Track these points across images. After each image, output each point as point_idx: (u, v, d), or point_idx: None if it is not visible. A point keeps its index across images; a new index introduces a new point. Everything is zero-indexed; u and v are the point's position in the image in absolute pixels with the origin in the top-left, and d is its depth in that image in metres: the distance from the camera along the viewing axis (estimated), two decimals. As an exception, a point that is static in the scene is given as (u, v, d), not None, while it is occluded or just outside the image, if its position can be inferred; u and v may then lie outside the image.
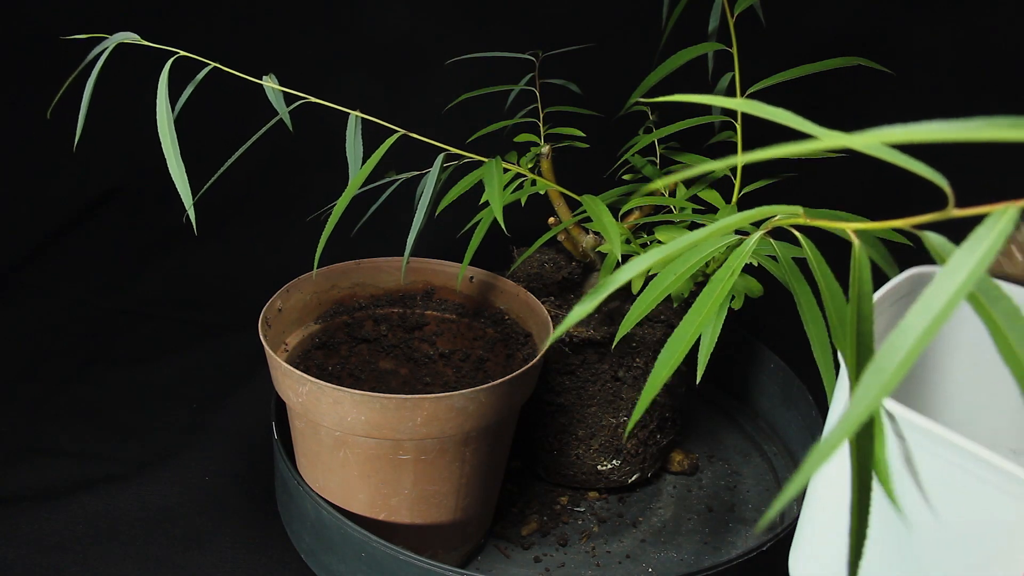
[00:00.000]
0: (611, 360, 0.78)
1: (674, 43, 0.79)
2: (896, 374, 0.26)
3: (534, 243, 0.76)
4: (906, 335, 0.27)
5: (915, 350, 0.27)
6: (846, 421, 0.26)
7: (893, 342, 0.27)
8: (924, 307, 0.27)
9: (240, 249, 1.20)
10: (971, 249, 0.27)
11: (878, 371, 0.27)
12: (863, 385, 0.26)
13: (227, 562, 0.75)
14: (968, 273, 0.27)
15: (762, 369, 0.96)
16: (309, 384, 0.66)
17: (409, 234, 0.70)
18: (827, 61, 0.73)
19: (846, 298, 0.42)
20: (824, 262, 0.45)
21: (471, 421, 0.67)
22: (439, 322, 0.83)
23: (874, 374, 0.26)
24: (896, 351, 0.27)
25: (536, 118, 0.81)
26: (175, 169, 0.61)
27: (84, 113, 0.63)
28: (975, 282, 0.27)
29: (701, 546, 0.81)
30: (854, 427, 0.26)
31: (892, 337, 0.27)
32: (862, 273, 0.32)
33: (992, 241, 0.27)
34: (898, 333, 0.27)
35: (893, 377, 0.26)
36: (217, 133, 1.23)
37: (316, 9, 1.25)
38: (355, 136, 0.69)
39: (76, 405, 0.92)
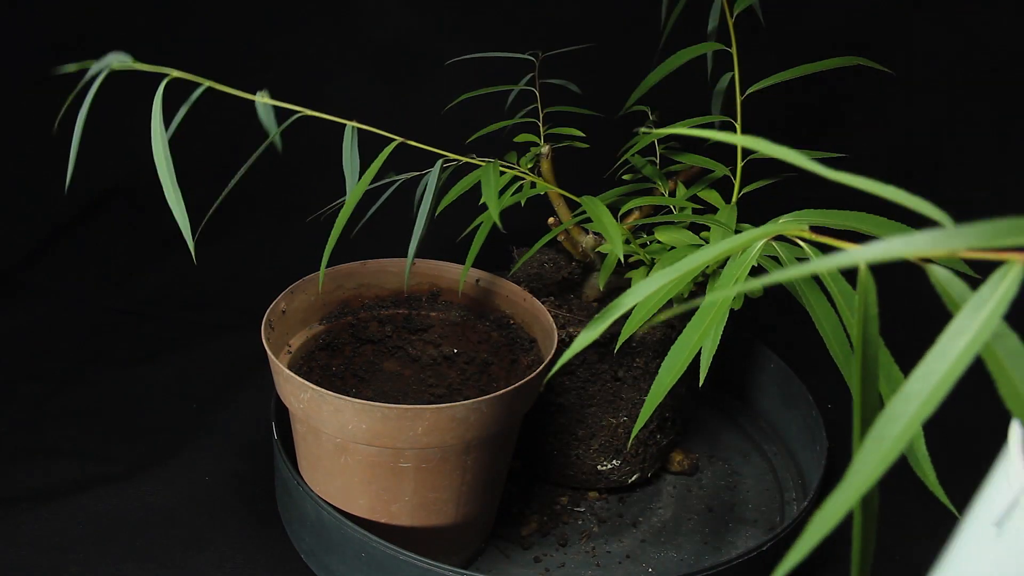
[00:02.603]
0: (611, 360, 0.78)
1: (674, 43, 0.79)
2: (895, 445, 0.26)
3: (535, 244, 0.76)
4: (910, 400, 0.26)
5: (917, 417, 0.26)
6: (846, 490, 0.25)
7: (895, 405, 0.26)
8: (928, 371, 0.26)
9: (240, 249, 1.20)
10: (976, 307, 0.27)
11: (879, 439, 0.26)
12: (864, 452, 0.26)
13: (227, 562, 0.75)
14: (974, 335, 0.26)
15: (762, 369, 0.96)
16: (310, 391, 0.66)
17: (411, 240, 0.70)
18: (827, 61, 0.73)
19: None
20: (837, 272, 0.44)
21: (472, 431, 0.67)
22: (444, 324, 0.83)
23: (876, 442, 0.26)
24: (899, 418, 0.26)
25: (536, 118, 0.81)
26: (171, 195, 0.60)
27: (76, 144, 0.61)
28: (983, 343, 0.26)
29: (701, 546, 0.81)
30: (856, 497, 0.25)
31: (895, 401, 0.26)
32: (868, 296, 0.32)
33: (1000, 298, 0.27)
34: (900, 398, 0.26)
35: (892, 449, 0.26)
36: (217, 139, 1.23)
37: (316, 9, 1.25)
38: (351, 147, 0.69)
39: (76, 405, 0.92)
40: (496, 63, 0.85)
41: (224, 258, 1.18)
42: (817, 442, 0.84)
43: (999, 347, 0.29)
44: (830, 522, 0.25)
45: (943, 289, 0.31)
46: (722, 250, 0.32)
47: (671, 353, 0.47)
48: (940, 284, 0.31)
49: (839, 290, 0.44)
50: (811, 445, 0.86)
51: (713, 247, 0.32)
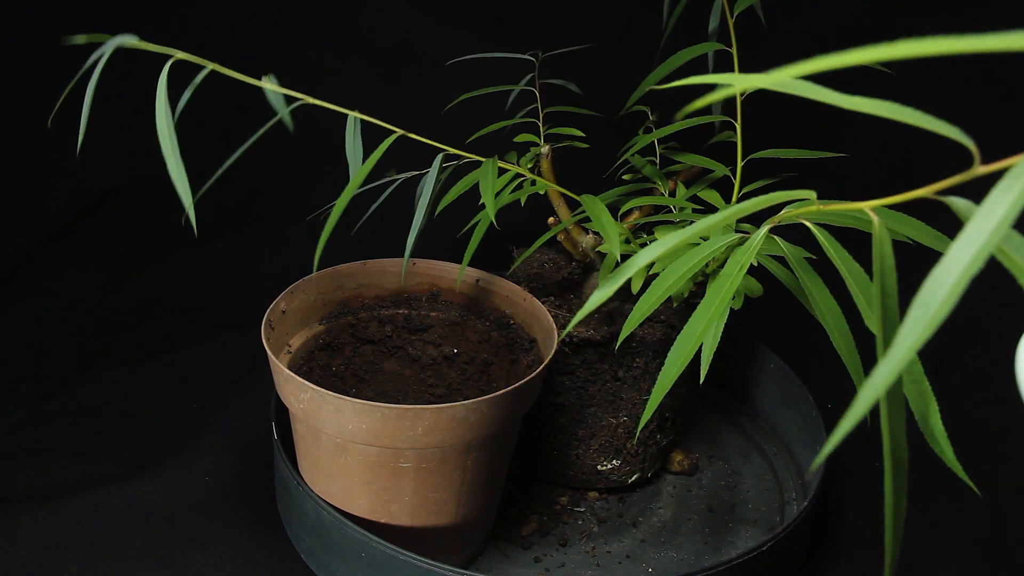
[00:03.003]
0: (611, 360, 0.78)
1: (674, 43, 0.79)
2: (926, 331, 0.26)
3: (534, 243, 0.76)
4: (934, 292, 0.26)
5: (944, 307, 0.26)
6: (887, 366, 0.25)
7: (922, 299, 0.26)
8: (948, 266, 0.27)
9: (240, 249, 1.20)
10: (995, 202, 0.27)
11: (910, 329, 0.26)
12: (899, 340, 0.26)
13: (227, 562, 0.75)
14: (993, 228, 0.26)
15: (762, 369, 0.96)
16: (310, 391, 0.66)
17: (410, 233, 0.70)
18: (827, 61, 0.73)
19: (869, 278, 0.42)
20: (840, 246, 0.44)
21: (472, 431, 0.67)
22: (444, 324, 0.83)
23: (907, 331, 0.26)
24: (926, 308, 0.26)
25: (536, 118, 0.81)
26: (175, 170, 0.61)
27: (86, 117, 0.63)
28: (1000, 237, 0.26)
29: (701, 546, 0.81)
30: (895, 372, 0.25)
31: (920, 295, 0.27)
32: (883, 249, 0.32)
33: (1018, 192, 0.27)
34: (926, 290, 0.27)
35: (923, 333, 0.26)
36: (217, 136, 1.23)
37: (316, 9, 1.25)
38: (354, 136, 0.69)
39: (76, 405, 0.92)
40: (496, 63, 0.85)
41: (224, 258, 1.18)
42: (817, 442, 0.84)
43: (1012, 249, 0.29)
44: (888, 378, 0.25)
45: (963, 216, 0.31)
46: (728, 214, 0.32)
47: (674, 348, 0.47)
48: (961, 213, 0.31)
49: (848, 269, 0.44)
50: (811, 445, 0.86)
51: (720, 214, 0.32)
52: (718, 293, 0.45)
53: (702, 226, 0.33)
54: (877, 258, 0.32)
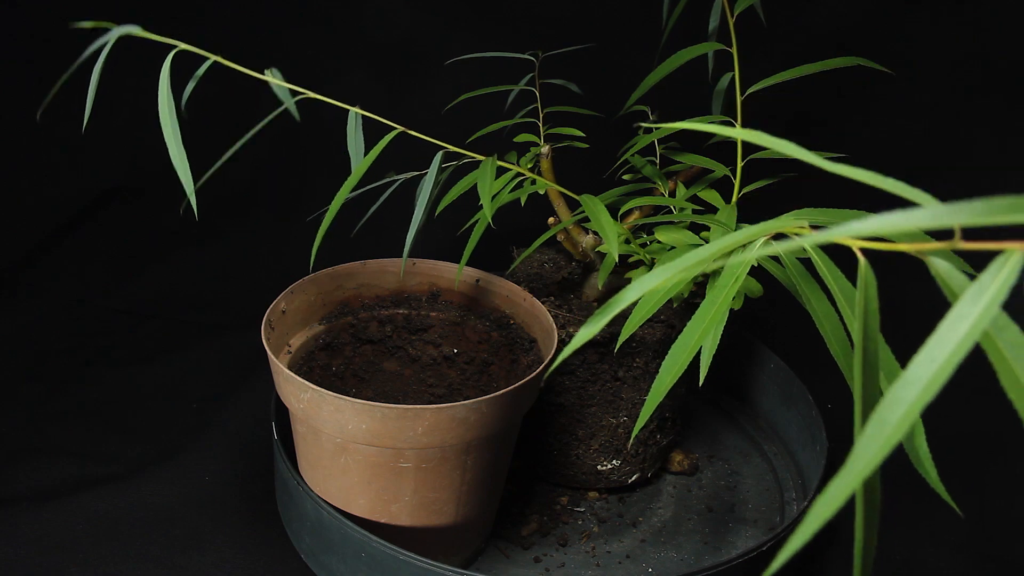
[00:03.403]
0: (611, 360, 0.78)
1: (674, 43, 0.79)
2: (897, 430, 0.26)
3: (534, 243, 0.76)
4: (910, 386, 0.26)
5: (919, 403, 0.26)
6: (849, 473, 0.25)
7: (897, 391, 0.26)
8: (929, 356, 0.26)
9: (240, 249, 1.20)
10: (976, 296, 0.27)
11: (880, 425, 0.26)
12: (864, 440, 0.26)
13: (227, 562, 0.75)
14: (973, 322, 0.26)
15: (762, 369, 0.96)
16: (310, 391, 0.66)
17: (409, 230, 0.70)
18: (827, 61, 0.73)
19: None
20: (834, 266, 0.44)
21: (472, 431, 0.67)
22: (444, 324, 0.83)
23: (876, 428, 0.26)
24: (900, 403, 0.26)
25: (536, 118, 0.81)
26: (176, 155, 0.61)
27: (92, 99, 0.63)
28: (982, 331, 0.26)
29: (701, 546, 0.81)
30: (858, 480, 0.25)
31: (895, 388, 0.26)
32: (868, 291, 0.32)
33: (999, 286, 0.27)
34: (901, 384, 0.26)
35: (894, 433, 0.26)
36: (217, 134, 1.23)
37: (316, 9, 1.25)
38: (356, 131, 0.69)
39: (76, 405, 0.92)
40: (496, 63, 0.85)
41: (224, 258, 1.18)
42: (817, 442, 0.84)
43: (1000, 338, 0.29)
44: (832, 506, 0.25)
45: (943, 281, 0.31)
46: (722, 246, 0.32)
47: (671, 352, 0.47)
48: (940, 276, 0.31)
49: (839, 288, 0.44)
50: (811, 445, 0.86)
51: (714, 244, 0.32)
52: (717, 298, 0.45)
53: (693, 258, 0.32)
54: (860, 300, 0.32)
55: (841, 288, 0.44)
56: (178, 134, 0.61)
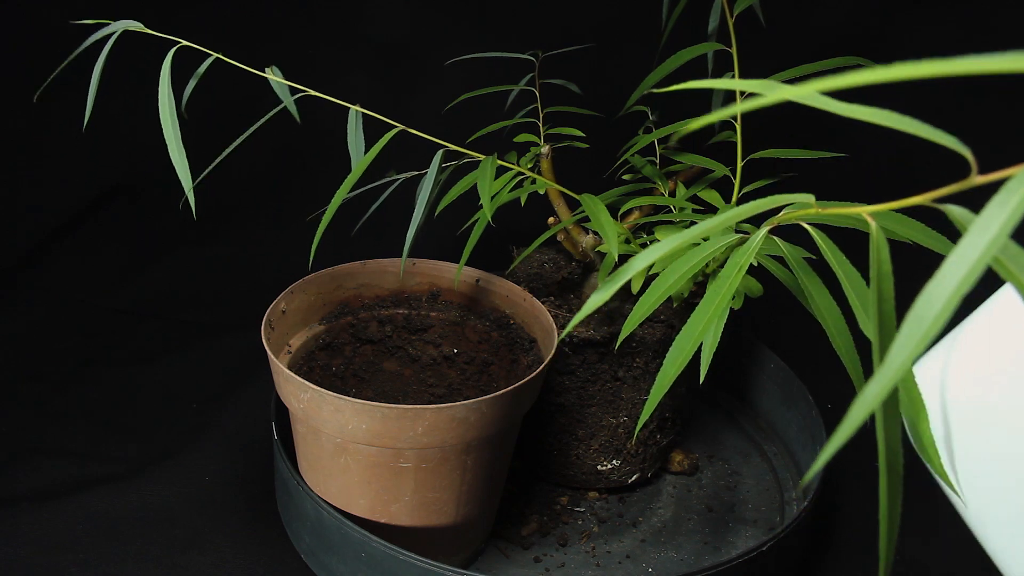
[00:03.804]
0: (611, 360, 0.78)
1: (674, 43, 0.79)
2: (920, 344, 0.26)
3: (534, 243, 0.76)
4: (929, 305, 0.26)
5: (939, 320, 0.26)
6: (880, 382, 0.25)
7: (916, 313, 0.26)
8: (945, 276, 0.27)
9: (240, 249, 1.20)
10: (993, 214, 0.27)
11: (904, 343, 0.26)
12: (893, 354, 0.26)
13: (227, 562, 0.75)
14: (991, 238, 0.26)
15: (762, 369, 0.96)
16: (311, 391, 0.66)
17: (409, 229, 0.70)
18: (827, 61, 0.73)
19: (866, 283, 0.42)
20: (838, 249, 0.45)
21: (473, 431, 0.67)
22: (443, 324, 0.83)
23: (901, 345, 0.26)
24: (921, 322, 0.26)
25: (536, 118, 0.81)
26: (175, 154, 0.61)
27: (93, 95, 0.63)
28: (999, 247, 0.26)
29: (701, 546, 0.81)
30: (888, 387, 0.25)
31: (915, 308, 0.27)
32: (880, 255, 0.32)
33: (1016, 204, 0.27)
34: (921, 303, 0.27)
35: (917, 347, 0.26)
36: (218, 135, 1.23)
37: (316, 9, 1.25)
38: (356, 130, 0.69)
39: (76, 405, 0.92)
40: (496, 63, 0.85)
41: (224, 258, 1.18)
42: (817, 442, 0.84)
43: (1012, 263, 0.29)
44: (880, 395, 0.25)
45: (960, 226, 0.31)
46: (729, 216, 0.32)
47: (673, 348, 0.47)
48: (957, 221, 0.31)
49: (844, 273, 0.44)
50: (811, 445, 0.86)
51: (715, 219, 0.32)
52: (718, 293, 0.45)
53: (702, 228, 0.33)
54: (874, 264, 0.32)
55: (846, 272, 0.44)
56: (178, 132, 0.61)
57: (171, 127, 0.61)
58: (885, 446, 0.31)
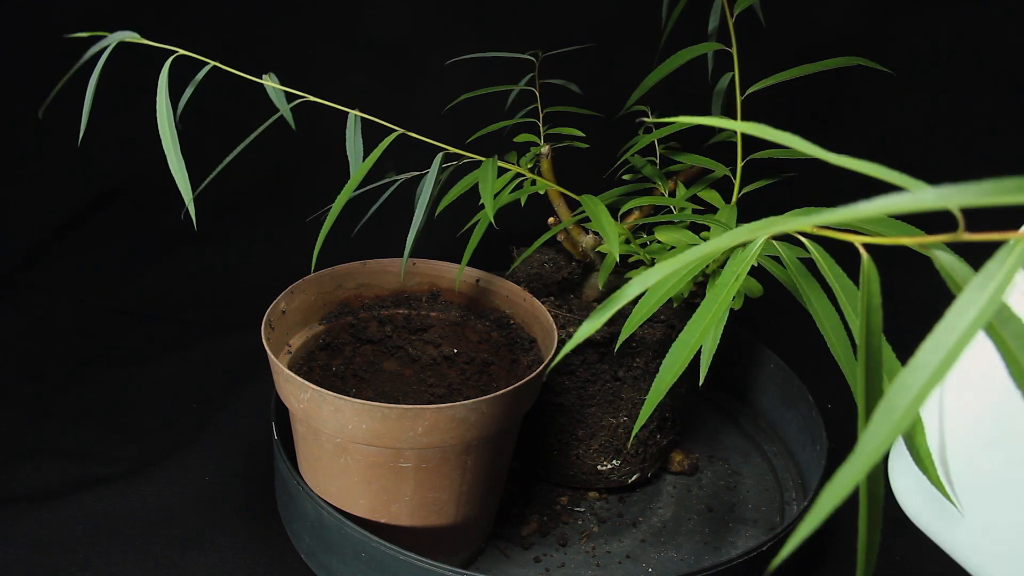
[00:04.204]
0: (611, 360, 0.78)
1: (674, 43, 0.79)
2: (906, 416, 0.26)
3: (534, 243, 0.76)
4: (917, 372, 0.26)
5: (927, 388, 0.26)
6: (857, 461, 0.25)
7: (904, 379, 0.26)
8: (936, 344, 0.26)
9: (240, 249, 1.20)
10: (982, 284, 0.27)
11: (888, 411, 0.26)
12: (872, 426, 0.26)
13: (227, 562, 0.75)
14: (980, 310, 0.26)
15: (762, 369, 0.96)
16: (311, 391, 0.66)
17: (409, 232, 0.70)
18: (827, 61, 0.73)
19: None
20: (835, 264, 0.45)
21: (473, 431, 0.67)
22: (443, 324, 0.83)
23: (884, 414, 0.26)
24: (908, 389, 0.26)
25: (536, 118, 0.81)
26: (175, 165, 0.61)
27: (88, 109, 0.63)
28: (989, 317, 0.26)
29: (701, 546, 0.81)
30: (866, 468, 0.25)
31: (903, 374, 0.26)
32: (871, 287, 0.32)
33: (1005, 274, 0.26)
34: (908, 370, 0.26)
35: (903, 419, 0.26)
36: (217, 135, 1.23)
37: (316, 9, 1.25)
38: (355, 134, 0.69)
39: (76, 405, 0.92)
40: (496, 63, 0.85)
41: (224, 258, 1.18)
42: (817, 442, 0.84)
43: (1005, 330, 0.29)
44: (840, 494, 0.25)
45: (947, 274, 0.31)
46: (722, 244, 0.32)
47: (671, 352, 0.47)
48: (944, 269, 0.31)
49: (840, 286, 0.44)
50: (811, 445, 0.86)
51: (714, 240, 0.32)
52: (717, 297, 0.45)
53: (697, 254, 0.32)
54: (863, 295, 0.32)
55: (842, 286, 0.44)
56: (176, 144, 0.61)
57: (170, 138, 0.61)
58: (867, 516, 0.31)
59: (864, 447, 0.25)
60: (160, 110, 0.61)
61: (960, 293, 0.27)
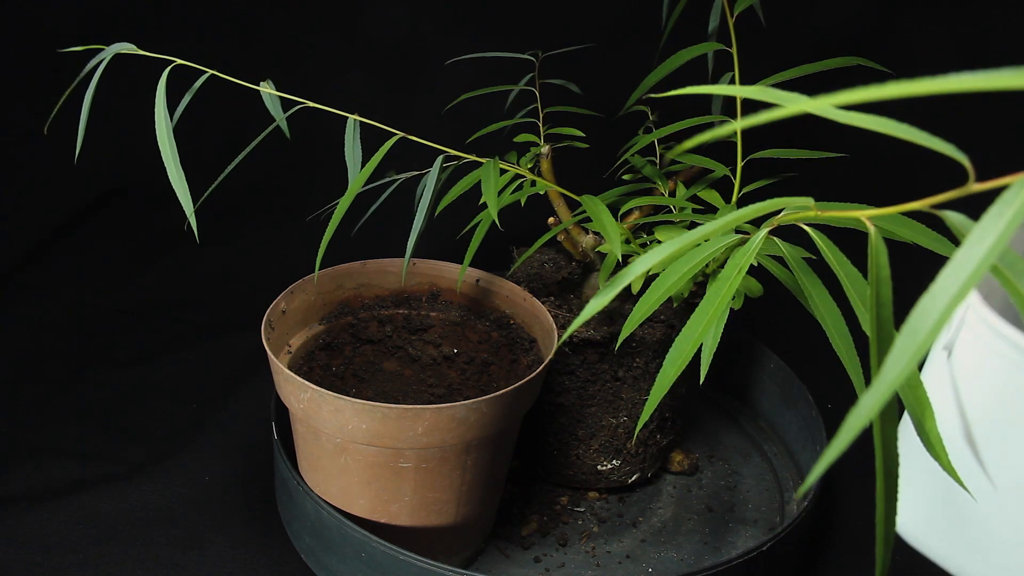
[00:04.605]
0: (611, 360, 0.78)
1: (674, 43, 0.79)
2: (917, 354, 0.26)
3: (534, 243, 0.76)
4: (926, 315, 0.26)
5: (935, 330, 0.26)
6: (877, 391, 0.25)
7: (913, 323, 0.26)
8: (944, 285, 0.26)
9: (240, 249, 1.20)
10: (991, 223, 0.27)
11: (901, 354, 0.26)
12: (888, 365, 0.26)
13: (227, 562, 0.75)
14: (988, 247, 0.26)
15: (762, 369, 0.96)
16: (311, 391, 0.66)
17: (410, 235, 0.70)
18: (827, 61, 0.73)
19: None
20: (838, 250, 0.45)
21: (472, 431, 0.67)
22: (444, 324, 0.83)
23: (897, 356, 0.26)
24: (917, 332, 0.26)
25: (536, 118, 0.81)
26: (175, 177, 0.61)
27: (84, 126, 0.63)
28: (996, 256, 0.26)
29: (701, 546, 0.81)
30: (885, 396, 0.25)
31: (911, 318, 0.26)
32: (879, 259, 0.32)
33: (1014, 212, 0.26)
34: (917, 313, 0.26)
35: (914, 357, 0.26)
36: (218, 137, 1.23)
37: (316, 10, 1.25)
38: (354, 139, 0.69)
39: (76, 405, 0.92)
40: (496, 63, 0.85)
41: (224, 258, 1.18)
42: (817, 442, 0.84)
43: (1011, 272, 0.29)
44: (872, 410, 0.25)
45: (958, 232, 0.31)
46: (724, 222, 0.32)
47: (673, 349, 0.47)
48: (955, 227, 0.31)
49: (845, 273, 0.44)
50: (811, 445, 0.86)
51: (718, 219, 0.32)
52: (718, 294, 0.45)
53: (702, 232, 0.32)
54: (872, 268, 0.32)
55: (847, 272, 0.44)
56: (175, 153, 0.61)
57: (169, 149, 0.61)
58: (882, 453, 0.31)
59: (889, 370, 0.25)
60: (159, 121, 0.61)
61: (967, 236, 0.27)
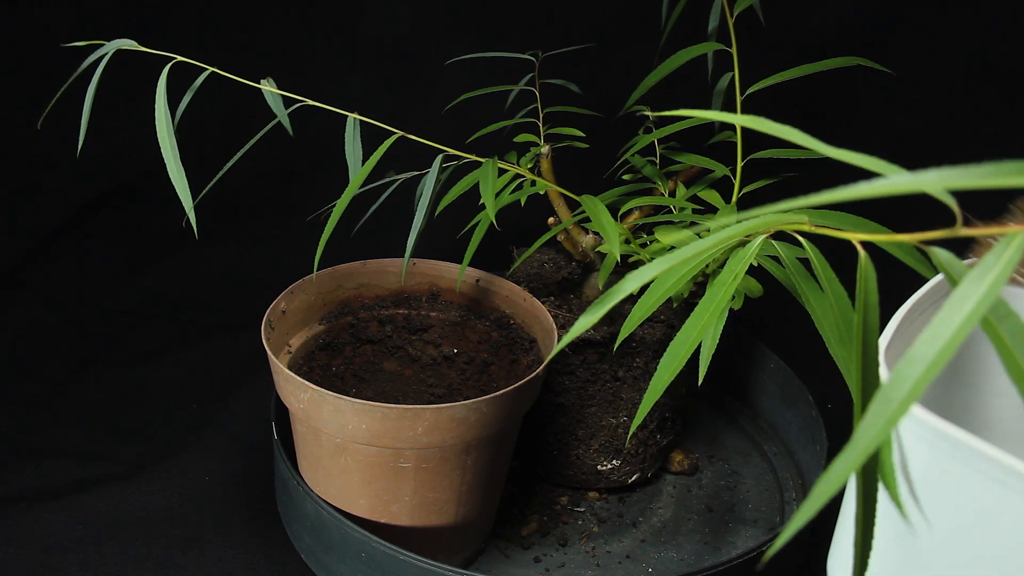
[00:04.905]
0: (611, 360, 0.78)
1: (674, 43, 0.79)
2: (903, 405, 0.26)
3: (534, 243, 0.76)
4: (914, 364, 0.26)
5: (924, 378, 0.26)
6: (852, 451, 0.25)
7: (901, 370, 0.26)
8: (933, 335, 0.26)
9: (240, 249, 1.20)
10: (980, 276, 0.27)
11: (885, 401, 0.26)
12: (870, 415, 0.26)
13: (227, 562, 0.75)
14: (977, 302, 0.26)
15: (762, 369, 0.96)
16: (311, 391, 0.66)
17: (410, 235, 0.70)
18: (827, 61, 0.73)
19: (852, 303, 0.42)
20: (829, 268, 0.44)
21: (472, 431, 0.67)
22: (443, 324, 0.83)
23: (881, 404, 0.26)
24: (904, 381, 0.26)
25: (536, 118, 0.81)
26: (175, 174, 0.61)
27: (86, 119, 0.63)
28: (986, 309, 0.26)
29: (701, 546, 0.81)
30: (860, 459, 0.25)
31: (900, 365, 0.26)
32: (868, 284, 0.32)
33: (1002, 267, 0.26)
34: (905, 362, 0.26)
35: (900, 408, 0.26)
36: (218, 136, 1.23)
37: (316, 10, 1.25)
38: (354, 138, 0.69)
39: (76, 405, 0.92)
40: (496, 63, 0.85)
41: (224, 258, 1.18)
42: (817, 442, 0.84)
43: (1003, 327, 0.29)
44: (836, 483, 0.25)
45: (945, 270, 0.31)
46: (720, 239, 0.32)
47: (670, 350, 0.47)
48: (942, 265, 0.31)
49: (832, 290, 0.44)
50: (811, 445, 0.86)
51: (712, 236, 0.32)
52: (716, 296, 0.45)
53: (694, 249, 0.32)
54: (861, 293, 0.32)
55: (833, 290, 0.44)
56: (175, 151, 0.61)
57: (169, 147, 0.61)
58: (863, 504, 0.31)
59: (860, 438, 0.25)
60: (159, 118, 0.61)
61: (956, 287, 0.27)
